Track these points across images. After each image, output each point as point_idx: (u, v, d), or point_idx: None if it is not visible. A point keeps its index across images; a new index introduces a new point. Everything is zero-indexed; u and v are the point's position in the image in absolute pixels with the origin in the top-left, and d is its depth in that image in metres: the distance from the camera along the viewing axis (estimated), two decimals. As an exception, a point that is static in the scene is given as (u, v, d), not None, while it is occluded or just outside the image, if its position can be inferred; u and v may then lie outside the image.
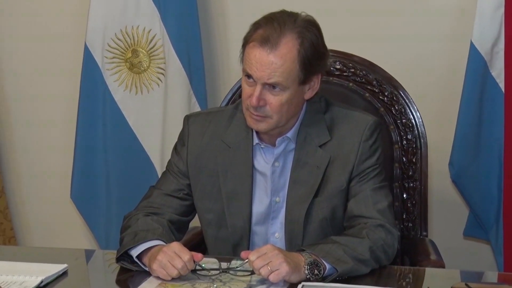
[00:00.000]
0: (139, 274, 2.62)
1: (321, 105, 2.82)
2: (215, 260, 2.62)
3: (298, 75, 2.65)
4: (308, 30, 2.68)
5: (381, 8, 3.78)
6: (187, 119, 2.96)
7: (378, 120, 2.88)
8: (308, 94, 2.75)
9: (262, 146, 2.81)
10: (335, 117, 2.82)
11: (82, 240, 3.99)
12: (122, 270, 2.69)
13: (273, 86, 2.63)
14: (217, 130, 2.86)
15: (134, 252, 2.65)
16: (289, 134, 2.77)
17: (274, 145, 2.79)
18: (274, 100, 2.65)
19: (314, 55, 2.68)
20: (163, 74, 3.89)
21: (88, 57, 3.91)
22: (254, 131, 2.79)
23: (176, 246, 2.57)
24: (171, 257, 2.53)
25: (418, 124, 3.20)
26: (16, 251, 3.45)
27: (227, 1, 3.95)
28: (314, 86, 2.75)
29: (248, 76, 2.66)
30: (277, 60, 2.62)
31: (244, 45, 2.69)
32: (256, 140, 2.80)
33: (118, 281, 2.66)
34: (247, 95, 2.67)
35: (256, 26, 2.68)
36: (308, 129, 2.79)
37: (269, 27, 2.65)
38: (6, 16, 4.14)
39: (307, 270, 2.52)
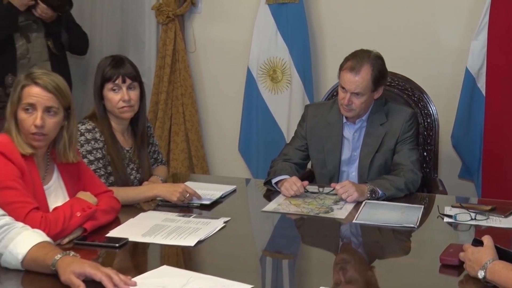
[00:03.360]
0: (274, 193, 2.67)
1: (382, 102, 2.85)
2: (316, 187, 2.67)
3: (371, 87, 2.69)
4: (377, 61, 2.72)
5: (417, 45, 3.71)
6: (306, 106, 3.02)
7: (414, 111, 2.91)
8: (375, 96, 2.77)
9: (348, 123, 2.84)
10: (389, 108, 2.84)
11: (244, 173, 4.02)
12: (266, 190, 2.72)
13: (356, 94, 2.67)
14: (323, 114, 2.89)
15: (273, 180, 2.70)
16: (364, 117, 2.80)
17: (354, 123, 2.82)
18: (357, 101, 2.70)
19: (380, 76, 2.73)
20: (289, 83, 3.87)
21: (249, 74, 3.92)
22: (344, 115, 2.80)
23: (294, 178, 2.65)
24: (290, 184, 2.60)
25: (434, 113, 3.15)
26: (209, 178, 3.53)
27: (325, 41, 3.90)
28: (379, 92, 2.78)
29: (342, 87, 2.69)
30: (359, 79, 2.67)
31: (340, 70, 2.73)
32: (344, 120, 2.82)
33: (263, 195, 2.70)
34: (341, 98, 2.72)
35: (347, 59, 2.72)
36: (374, 115, 2.80)
37: (354, 60, 2.69)
38: (210, 49, 4.15)
39: (368, 194, 2.57)
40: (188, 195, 2.45)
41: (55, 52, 3.59)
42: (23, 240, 1.78)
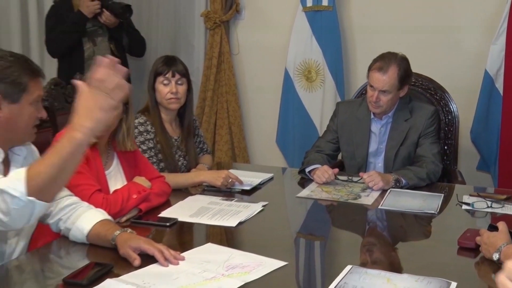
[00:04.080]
0: (308, 181, 2.65)
1: (407, 100, 2.79)
2: (345, 176, 2.64)
3: (397, 85, 2.63)
4: (402, 62, 2.66)
5: (440, 48, 3.64)
6: (338, 104, 2.98)
7: (436, 108, 2.85)
8: (401, 94, 2.72)
9: (375, 119, 2.78)
10: (413, 106, 2.79)
11: (280, 162, 4.01)
12: (300, 178, 2.70)
13: (383, 91, 2.62)
14: (353, 110, 2.84)
15: (307, 169, 2.68)
16: (390, 113, 2.75)
17: (381, 119, 2.77)
18: (384, 98, 2.65)
19: (405, 75, 2.67)
20: (323, 83, 3.84)
21: (286, 74, 3.90)
22: (371, 112, 2.75)
23: (325, 167, 2.62)
24: (322, 172, 2.59)
25: (454, 110, 3.09)
26: (249, 167, 3.53)
27: (355, 45, 3.86)
28: (404, 90, 2.72)
29: (371, 86, 2.64)
30: (386, 79, 2.61)
31: (369, 70, 2.68)
32: (372, 116, 2.77)
33: (298, 183, 2.67)
34: (370, 95, 2.67)
35: (375, 60, 2.67)
36: (399, 112, 2.75)
37: (382, 61, 2.64)
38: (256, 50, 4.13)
39: (393, 182, 2.53)
40: (230, 180, 2.46)
41: (116, 54, 3.64)
42: (88, 218, 1.82)
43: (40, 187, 1.45)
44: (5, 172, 1.75)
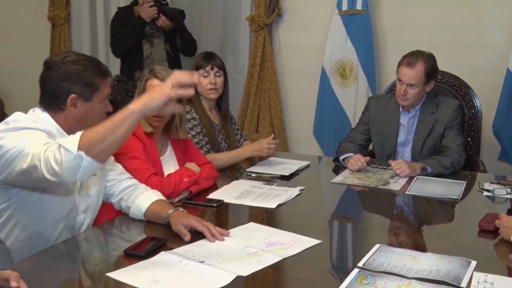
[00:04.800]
0: (341, 168, 2.62)
1: (433, 95, 2.73)
2: (376, 165, 2.60)
3: (423, 80, 2.57)
4: (429, 59, 2.60)
5: (465, 48, 3.53)
6: (369, 98, 2.94)
7: (460, 103, 2.78)
8: (427, 89, 2.66)
9: (403, 112, 2.73)
10: (439, 100, 2.72)
11: (317, 151, 3.99)
12: (334, 166, 2.68)
13: (411, 85, 2.56)
14: (383, 104, 2.80)
15: (341, 157, 2.66)
16: (417, 107, 2.70)
17: (409, 112, 2.72)
18: (411, 92, 2.59)
19: (432, 71, 2.61)
20: (356, 79, 3.78)
21: (323, 71, 3.86)
22: (400, 105, 2.69)
23: (358, 155, 2.58)
24: (355, 160, 2.56)
25: (477, 106, 3.00)
26: (288, 155, 3.49)
27: (386, 45, 3.79)
28: (430, 86, 2.66)
29: (399, 80, 2.58)
30: (413, 73, 2.55)
31: (398, 66, 2.63)
32: (401, 109, 2.72)
33: (332, 170, 2.65)
34: (398, 89, 2.62)
35: (404, 57, 2.62)
36: (426, 105, 2.69)
37: (411, 57, 2.59)
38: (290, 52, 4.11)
39: (419, 170, 2.47)
40: (272, 146, 2.58)
41: (171, 54, 3.71)
42: (146, 198, 1.87)
43: (89, 144, 1.45)
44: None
